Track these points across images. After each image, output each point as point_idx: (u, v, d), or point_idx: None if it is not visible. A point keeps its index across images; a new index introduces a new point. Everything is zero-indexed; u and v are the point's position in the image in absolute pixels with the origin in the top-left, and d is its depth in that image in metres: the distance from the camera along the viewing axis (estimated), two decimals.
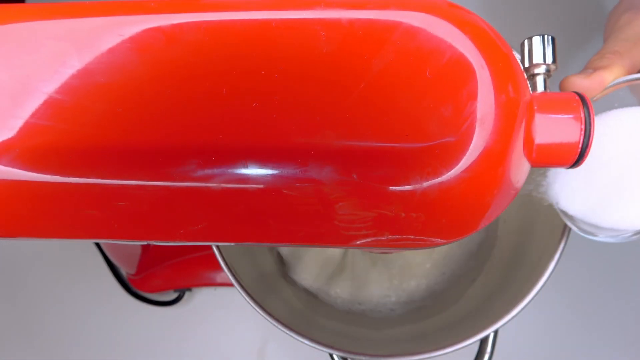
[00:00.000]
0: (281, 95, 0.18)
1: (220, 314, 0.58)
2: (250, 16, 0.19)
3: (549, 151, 0.20)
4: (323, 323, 0.47)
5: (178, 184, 0.19)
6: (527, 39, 0.24)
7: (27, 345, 0.59)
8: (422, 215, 0.19)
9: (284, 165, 0.18)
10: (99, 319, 0.59)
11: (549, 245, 0.38)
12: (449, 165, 0.18)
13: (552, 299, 0.54)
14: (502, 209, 0.21)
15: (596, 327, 0.54)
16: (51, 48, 0.19)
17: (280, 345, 0.57)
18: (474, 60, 0.18)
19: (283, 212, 0.19)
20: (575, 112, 0.20)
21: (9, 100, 0.19)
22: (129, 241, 0.22)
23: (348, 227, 0.19)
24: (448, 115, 0.18)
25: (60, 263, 0.61)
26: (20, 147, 0.19)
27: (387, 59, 0.18)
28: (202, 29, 0.19)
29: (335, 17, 0.19)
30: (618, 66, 0.28)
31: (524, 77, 0.21)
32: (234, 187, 0.19)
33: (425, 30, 0.18)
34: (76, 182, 0.19)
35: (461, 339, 0.36)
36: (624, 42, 0.30)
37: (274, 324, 0.37)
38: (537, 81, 0.24)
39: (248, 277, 0.40)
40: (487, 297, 0.44)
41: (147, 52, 0.19)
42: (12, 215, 0.20)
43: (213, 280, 0.57)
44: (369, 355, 0.37)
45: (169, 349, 0.58)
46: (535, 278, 0.36)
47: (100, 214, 0.20)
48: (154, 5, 0.20)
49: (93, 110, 0.19)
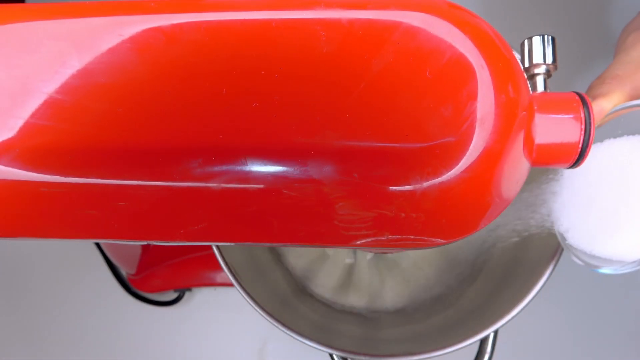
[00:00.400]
0: (281, 95, 0.18)
1: (220, 314, 0.58)
2: (250, 16, 0.19)
3: (549, 151, 0.20)
4: (323, 323, 0.47)
5: (178, 184, 0.19)
6: (527, 39, 0.24)
7: (27, 346, 0.59)
8: (422, 215, 0.19)
9: (284, 165, 0.18)
10: (99, 319, 0.59)
11: (548, 245, 0.38)
12: (449, 165, 0.18)
13: (552, 299, 0.54)
14: (502, 209, 0.21)
15: (596, 326, 0.54)
16: (51, 48, 0.19)
17: (280, 345, 0.57)
18: (474, 60, 0.18)
19: (283, 212, 0.19)
20: (575, 112, 0.20)
21: (9, 100, 0.19)
22: (129, 241, 0.21)
23: (348, 227, 0.19)
24: (448, 115, 0.18)
25: (60, 263, 0.61)
26: (20, 147, 0.19)
27: (387, 59, 0.18)
28: (202, 29, 0.19)
29: (335, 17, 0.19)
30: (618, 93, 0.27)
31: (524, 77, 0.21)
32: (234, 187, 0.19)
33: (425, 31, 0.18)
34: (76, 182, 0.19)
35: (461, 339, 0.36)
36: (626, 65, 0.29)
37: (274, 324, 0.37)
38: (537, 81, 0.24)
39: (248, 277, 0.40)
40: (487, 297, 0.44)
41: (147, 52, 0.19)
42: (12, 215, 0.20)
43: (213, 280, 0.57)
44: (369, 355, 0.37)
45: (169, 349, 0.58)
46: (535, 278, 0.36)
47: (100, 214, 0.20)
48: (154, 5, 0.20)
49: (93, 110, 0.19)
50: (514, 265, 0.44)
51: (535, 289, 0.36)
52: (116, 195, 0.19)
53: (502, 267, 0.47)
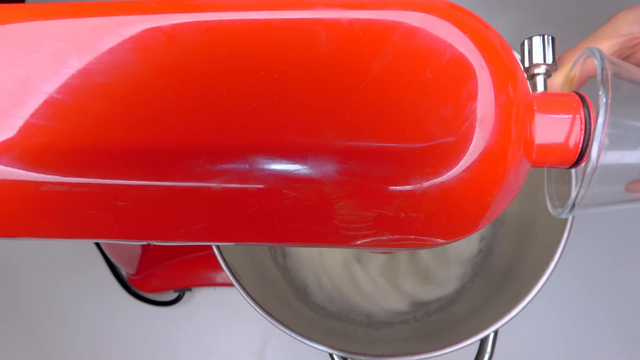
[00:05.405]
0: (281, 95, 0.18)
1: (220, 314, 0.58)
2: (250, 16, 0.19)
3: (549, 151, 0.20)
4: (323, 323, 0.47)
5: (178, 183, 0.19)
6: (527, 39, 0.24)
7: (27, 346, 0.59)
8: (422, 215, 0.19)
9: (284, 165, 0.18)
10: (98, 319, 0.59)
11: (549, 245, 0.38)
12: (449, 165, 0.18)
13: (552, 299, 0.54)
14: (502, 209, 0.21)
15: (596, 326, 0.54)
16: (51, 48, 0.19)
17: (280, 345, 0.57)
18: (474, 60, 0.18)
19: (283, 212, 0.19)
20: (575, 112, 0.20)
21: (9, 100, 0.19)
22: (129, 241, 0.21)
23: (348, 227, 0.19)
24: (448, 115, 0.18)
25: (60, 263, 0.61)
26: (20, 147, 0.19)
27: (387, 59, 0.18)
28: (202, 29, 0.19)
29: (335, 17, 0.19)
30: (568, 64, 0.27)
31: (524, 77, 0.21)
32: (234, 187, 0.19)
33: (425, 30, 0.18)
34: (76, 182, 0.19)
35: (461, 339, 0.36)
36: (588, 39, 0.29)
37: (274, 324, 0.37)
38: (537, 81, 0.24)
39: (248, 277, 0.40)
40: (487, 297, 0.44)
41: (147, 52, 0.19)
42: (12, 215, 0.20)
43: (213, 280, 0.57)
44: (369, 355, 0.37)
45: (169, 349, 0.58)
46: (535, 278, 0.36)
47: (100, 214, 0.20)
48: (154, 5, 0.20)
49: (93, 110, 0.19)
50: (514, 266, 0.45)
51: (535, 289, 0.36)
52: (116, 195, 0.19)
53: (502, 267, 0.47)
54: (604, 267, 0.55)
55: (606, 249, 0.55)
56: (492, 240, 0.50)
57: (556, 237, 0.37)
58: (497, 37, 0.20)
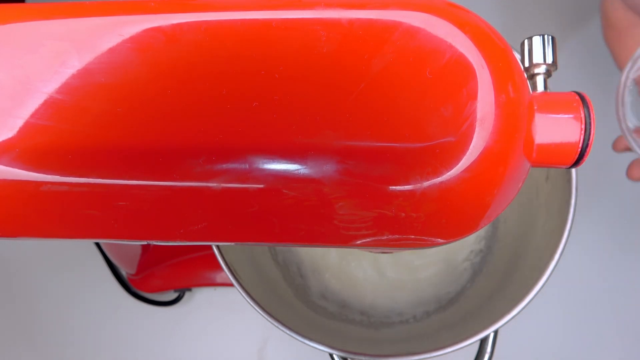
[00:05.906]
0: (281, 95, 0.18)
1: (220, 314, 0.58)
2: (250, 16, 0.19)
3: (549, 151, 0.20)
4: (323, 323, 0.47)
5: (178, 183, 0.19)
6: (527, 39, 0.24)
7: (26, 345, 0.59)
8: (422, 215, 0.19)
9: (284, 165, 0.18)
10: (98, 319, 0.59)
11: (549, 245, 0.38)
12: (449, 165, 0.18)
13: (552, 299, 0.54)
14: (502, 209, 0.21)
15: (596, 327, 0.54)
16: (51, 48, 0.19)
17: (280, 345, 0.57)
18: (474, 60, 0.18)
19: (283, 212, 0.19)
20: (575, 111, 0.20)
21: (9, 100, 0.19)
22: (129, 241, 0.22)
23: (348, 226, 0.19)
24: (448, 115, 0.18)
25: (60, 263, 0.61)
26: (20, 147, 0.19)
27: (387, 59, 0.18)
28: (202, 29, 0.19)
29: (335, 17, 0.19)
30: None
31: (524, 77, 0.21)
32: (234, 186, 0.19)
33: (425, 30, 0.18)
34: (76, 182, 0.19)
35: (461, 339, 0.36)
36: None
37: (274, 323, 0.37)
38: (537, 81, 0.24)
39: (248, 277, 0.40)
40: (487, 297, 0.44)
41: (147, 52, 0.19)
42: (12, 215, 0.20)
43: (213, 280, 0.57)
44: (369, 355, 0.37)
45: (169, 349, 0.58)
46: (535, 278, 0.36)
47: (101, 214, 0.20)
48: (154, 5, 0.20)
49: (93, 110, 0.19)
50: (514, 265, 0.45)
51: (535, 289, 0.36)
52: (116, 195, 0.19)
53: (502, 267, 0.47)
54: (604, 267, 0.55)
55: (606, 249, 0.55)
56: (492, 240, 0.50)
57: (556, 237, 0.37)
58: (497, 37, 0.20)
